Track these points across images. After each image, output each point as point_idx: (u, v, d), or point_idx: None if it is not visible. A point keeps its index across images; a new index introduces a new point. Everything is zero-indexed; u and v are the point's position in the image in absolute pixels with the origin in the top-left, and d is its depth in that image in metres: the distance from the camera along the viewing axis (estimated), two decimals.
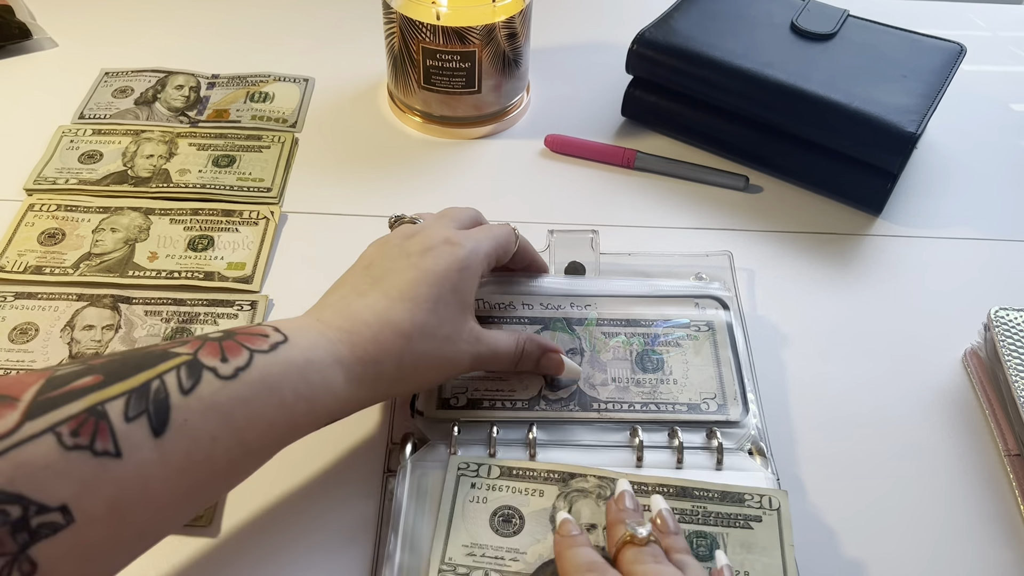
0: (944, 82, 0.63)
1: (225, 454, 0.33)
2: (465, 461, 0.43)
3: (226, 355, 0.34)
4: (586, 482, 0.42)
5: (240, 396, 0.33)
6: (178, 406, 0.32)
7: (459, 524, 0.40)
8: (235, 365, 0.34)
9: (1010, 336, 0.49)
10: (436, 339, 0.40)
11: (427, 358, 0.40)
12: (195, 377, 0.33)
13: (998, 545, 0.44)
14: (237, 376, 0.34)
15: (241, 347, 0.35)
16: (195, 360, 0.33)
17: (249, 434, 0.34)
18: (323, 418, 0.37)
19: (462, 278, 0.41)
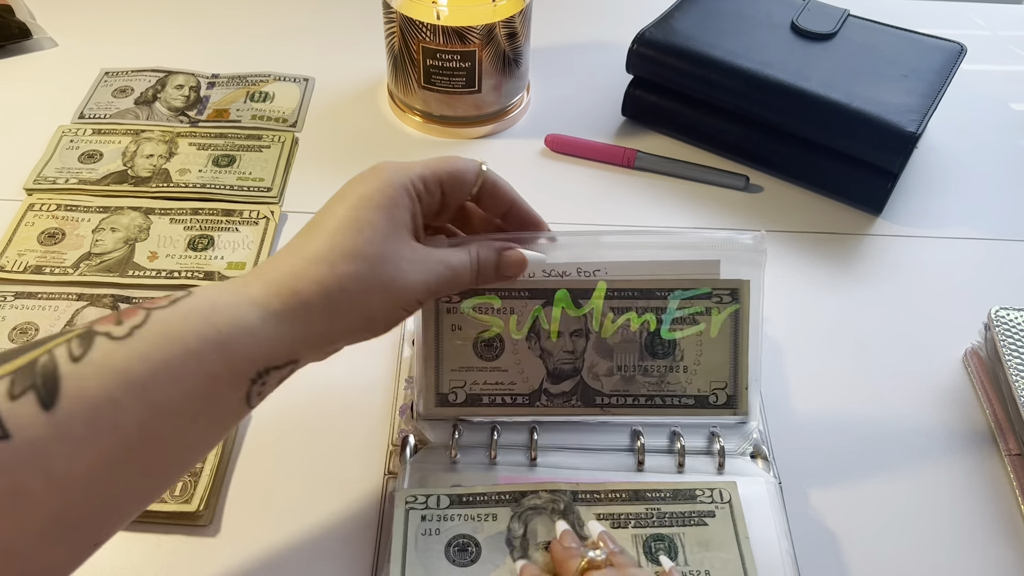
0: (944, 82, 0.63)
1: (133, 416, 0.30)
2: (412, 494, 0.42)
3: (121, 318, 0.31)
4: (538, 499, 0.42)
5: (138, 352, 0.30)
6: (69, 374, 0.29)
7: (413, 559, 0.39)
8: (130, 324, 0.31)
9: (1011, 336, 0.49)
10: (366, 260, 0.36)
11: (359, 283, 0.36)
12: (87, 344, 0.30)
13: (999, 545, 0.44)
14: (132, 334, 0.31)
15: (139, 308, 0.32)
16: (89, 329, 0.31)
17: (157, 393, 0.30)
18: (245, 363, 0.33)
19: (387, 195, 0.37)
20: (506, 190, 0.42)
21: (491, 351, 0.44)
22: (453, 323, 0.43)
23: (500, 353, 0.44)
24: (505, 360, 0.44)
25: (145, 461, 0.31)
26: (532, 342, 0.44)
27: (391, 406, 0.48)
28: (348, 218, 0.36)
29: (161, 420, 0.31)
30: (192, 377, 0.31)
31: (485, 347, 0.44)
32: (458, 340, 0.44)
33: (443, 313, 0.44)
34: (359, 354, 0.51)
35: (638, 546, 0.40)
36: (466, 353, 0.44)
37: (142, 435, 0.30)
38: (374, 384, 0.50)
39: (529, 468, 0.44)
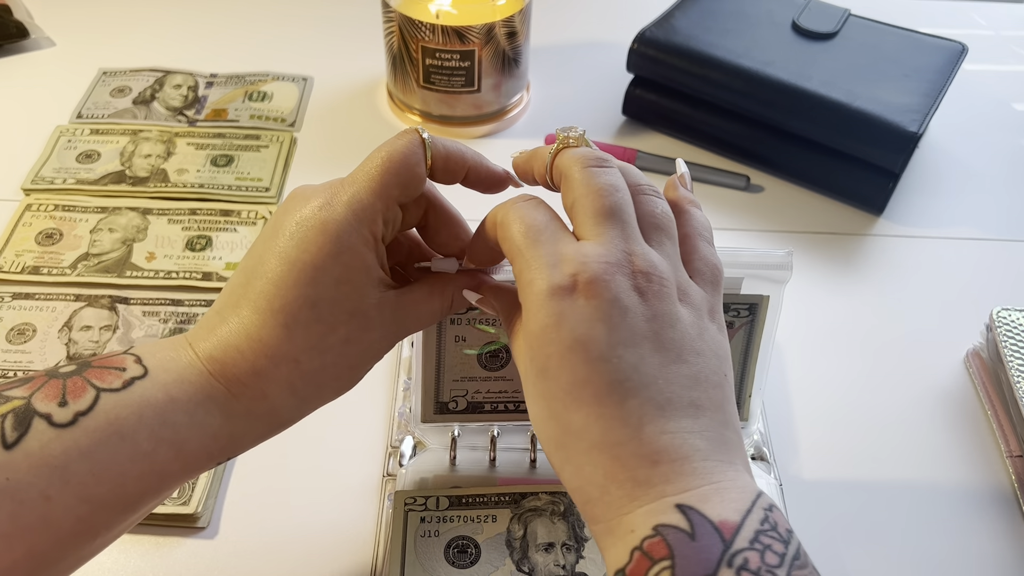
0: (946, 81, 0.62)
1: (68, 513, 0.28)
2: (411, 495, 0.41)
3: (66, 397, 0.29)
4: (538, 500, 0.42)
5: (80, 446, 0.28)
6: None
7: (412, 561, 0.39)
8: (75, 409, 0.28)
9: (1012, 336, 0.49)
10: (332, 349, 0.32)
11: (328, 371, 0.33)
12: (23, 427, 0.27)
13: (1000, 545, 0.44)
14: (76, 422, 0.28)
15: (88, 385, 0.29)
16: (27, 406, 0.28)
17: (97, 489, 0.28)
18: (203, 460, 0.31)
19: (340, 254, 0.32)
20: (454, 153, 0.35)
21: (496, 361, 0.43)
22: (457, 334, 0.42)
23: (505, 363, 0.43)
24: (510, 370, 0.43)
25: (80, 550, 0.29)
26: None
27: (390, 407, 0.48)
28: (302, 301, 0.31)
29: (99, 516, 0.29)
30: (139, 477, 0.29)
31: (490, 358, 0.43)
32: (462, 351, 0.42)
33: (447, 324, 0.42)
34: None
35: None
36: (470, 364, 0.43)
37: (77, 529, 0.28)
38: (373, 385, 0.49)
39: (529, 470, 0.44)
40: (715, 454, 0.29)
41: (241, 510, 0.43)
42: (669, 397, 0.29)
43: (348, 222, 0.32)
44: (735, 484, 0.28)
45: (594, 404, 0.29)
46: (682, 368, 0.30)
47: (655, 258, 0.31)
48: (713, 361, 0.31)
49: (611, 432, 0.28)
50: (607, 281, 0.30)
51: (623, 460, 0.28)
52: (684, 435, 0.28)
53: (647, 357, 0.29)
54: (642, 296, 0.30)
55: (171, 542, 0.42)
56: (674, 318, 0.30)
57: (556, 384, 0.30)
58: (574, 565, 0.40)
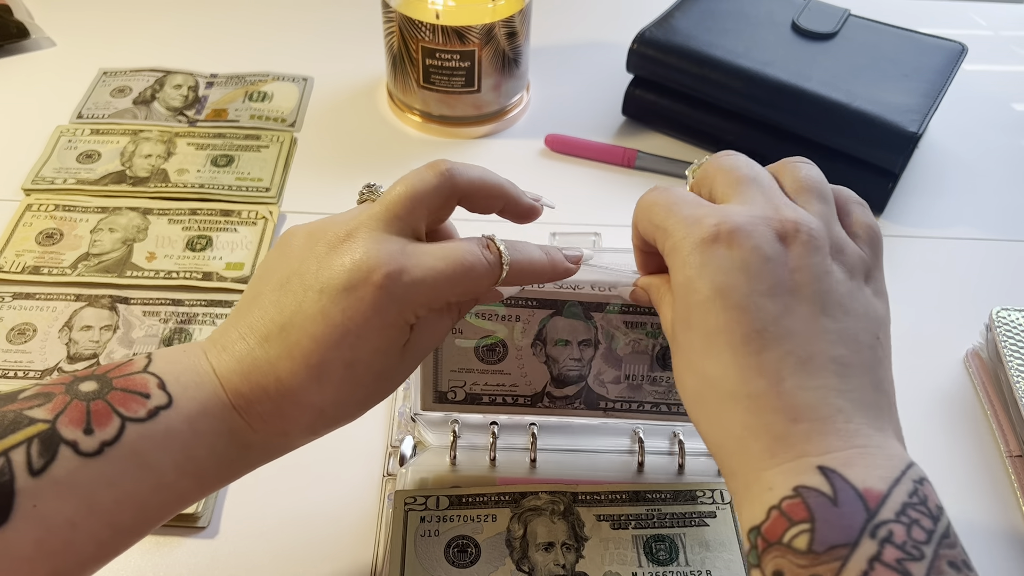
0: (945, 81, 0.62)
1: (91, 539, 0.28)
2: (411, 495, 0.41)
3: (91, 424, 0.28)
4: (538, 500, 0.42)
5: (105, 476, 0.28)
6: (25, 490, 0.27)
7: (412, 560, 0.39)
8: (101, 439, 0.28)
9: (1012, 336, 0.49)
10: (355, 400, 0.33)
11: (347, 416, 0.34)
12: (49, 454, 0.27)
13: (1000, 546, 0.44)
14: (103, 452, 0.28)
15: (112, 413, 0.29)
16: (52, 431, 0.28)
17: (120, 517, 0.29)
18: (218, 486, 0.32)
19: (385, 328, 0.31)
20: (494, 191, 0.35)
21: (493, 355, 0.43)
22: (454, 327, 0.42)
23: (503, 358, 0.43)
24: (508, 364, 0.43)
25: (96, 569, 0.30)
26: (537, 348, 0.43)
27: (390, 407, 0.48)
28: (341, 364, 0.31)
29: (121, 540, 0.30)
30: (161, 504, 0.30)
31: (487, 351, 0.43)
32: (458, 343, 0.43)
33: None
34: None
35: (639, 546, 0.40)
36: (467, 356, 0.43)
37: (97, 555, 0.29)
38: None
39: (529, 470, 0.44)
40: (860, 416, 0.28)
41: (241, 510, 0.44)
42: (812, 352, 0.28)
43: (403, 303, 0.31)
44: (883, 451, 0.27)
45: (730, 352, 0.28)
46: (828, 323, 0.29)
47: (803, 213, 0.31)
48: (864, 321, 0.30)
49: (747, 382, 0.28)
50: (749, 231, 0.29)
51: (760, 413, 0.28)
52: (826, 392, 0.28)
53: (790, 308, 0.29)
54: (787, 246, 0.30)
55: (171, 542, 0.42)
56: (822, 271, 0.30)
57: (695, 333, 0.30)
58: (574, 565, 0.40)
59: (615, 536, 0.41)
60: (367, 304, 0.31)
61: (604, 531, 0.41)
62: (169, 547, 0.42)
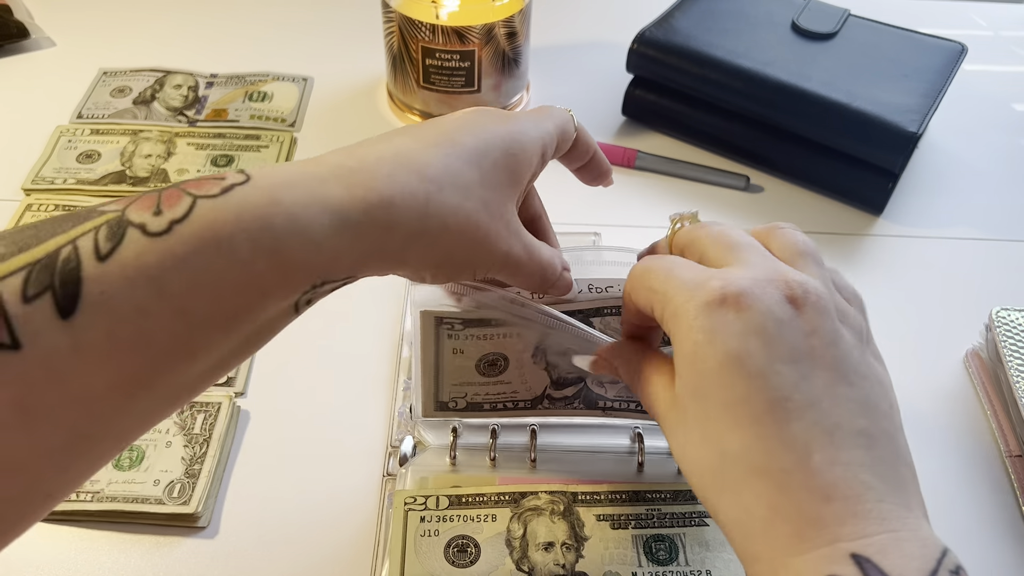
0: (945, 81, 0.62)
1: (164, 329, 0.26)
2: (411, 495, 0.41)
3: (161, 206, 0.26)
4: (538, 499, 0.42)
5: (175, 255, 0.26)
6: (92, 277, 0.25)
7: (412, 560, 0.39)
8: (170, 217, 0.26)
9: (1011, 336, 0.49)
10: (472, 197, 0.31)
11: (458, 217, 0.31)
12: (116, 238, 0.26)
13: (999, 546, 0.44)
14: (171, 230, 0.26)
15: (183, 193, 0.27)
16: (120, 218, 0.26)
17: (193, 302, 0.26)
18: (302, 274, 0.28)
19: (519, 141, 0.33)
20: (590, 141, 0.39)
21: (495, 369, 0.42)
22: (455, 347, 0.41)
23: (504, 370, 0.42)
24: (509, 374, 0.43)
25: (176, 376, 0.27)
26: (538, 357, 0.42)
27: (390, 407, 0.48)
28: (473, 149, 0.32)
29: (197, 333, 0.27)
30: (237, 289, 0.27)
31: (489, 366, 0.42)
32: (459, 361, 0.42)
33: (443, 338, 0.41)
34: (358, 354, 0.51)
35: (638, 546, 0.40)
36: (468, 371, 0.42)
37: (173, 350, 0.26)
38: (373, 385, 0.49)
39: (529, 470, 0.44)
40: (891, 496, 0.26)
41: (241, 510, 0.44)
42: (837, 422, 0.27)
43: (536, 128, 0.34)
44: (916, 535, 0.25)
45: (754, 425, 0.27)
46: (849, 391, 0.27)
47: (807, 276, 0.30)
48: (878, 387, 0.29)
49: (774, 457, 0.26)
50: (757, 294, 0.28)
51: (790, 491, 0.26)
52: (856, 469, 0.26)
53: (809, 375, 0.27)
54: (798, 309, 0.28)
55: (171, 542, 0.42)
56: (836, 336, 0.28)
57: (711, 403, 0.28)
58: (574, 564, 0.40)
59: (615, 536, 0.41)
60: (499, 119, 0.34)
61: (604, 531, 0.41)
62: (169, 547, 0.42)
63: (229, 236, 0.26)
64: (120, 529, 0.42)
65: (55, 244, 0.25)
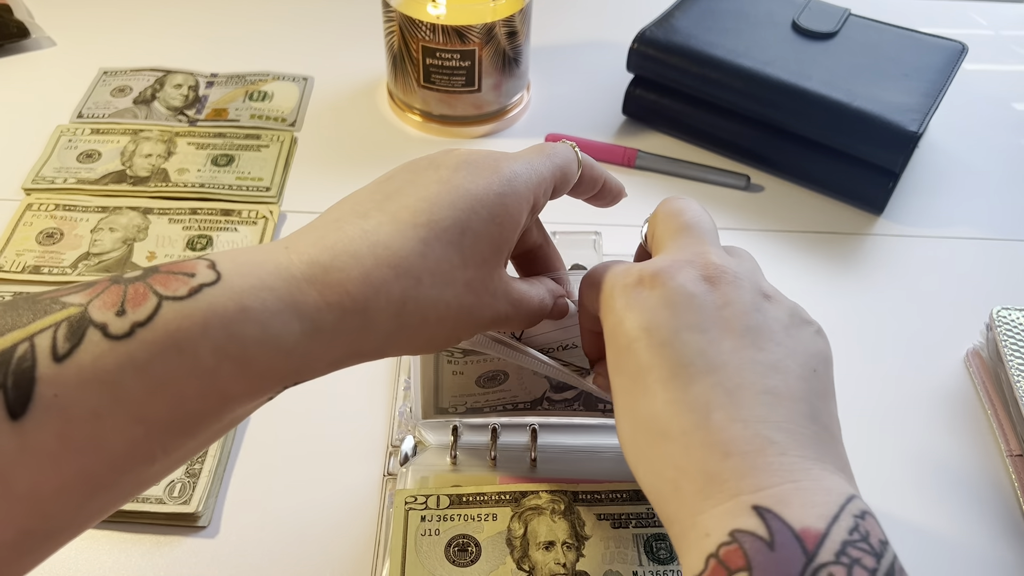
0: (946, 81, 0.62)
1: (119, 434, 0.25)
2: (412, 494, 0.41)
3: (125, 305, 0.25)
4: (539, 499, 0.42)
5: (134, 360, 0.25)
6: (46, 378, 0.24)
7: (413, 559, 0.39)
8: (133, 319, 0.25)
9: (1012, 336, 0.49)
10: (454, 283, 0.30)
11: (438, 309, 0.30)
12: (76, 338, 0.25)
13: (1000, 546, 0.44)
14: (133, 334, 0.25)
15: (150, 292, 0.26)
16: (82, 315, 0.25)
17: (152, 408, 0.25)
18: (269, 383, 0.28)
19: (504, 204, 0.31)
20: (599, 174, 0.38)
21: (495, 383, 0.42)
22: (454, 370, 0.41)
23: (504, 382, 0.42)
24: (509, 383, 0.43)
25: (134, 476, 0.26)
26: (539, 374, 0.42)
27: (390, 407, 0.48)
28: (453, 226, 0.30)
29: (155, 438, 0.26)
30: (199, 395, 0.26)
31: (488, 379, 0.42)
32: (459, 380, 0.42)
33: (443, 363, 0.41)
34: None
35: (639, 545, 0.40)
36: (468, 386, 0.42)
37: (130, 454, 0.26)
38: (373, 385, 0.49)
39: (529, 469, 0.44)
40: (795, 448, 0.26)
41: (241, 510, 0.44)
42: (740, 383, 0.27)
43: (522, 173, 0.32)
44: (820, 484, 0.26)
45: (659, 390, 0.28)
46: (758, 355, 0.28)
47: (730, 260, 0.31)
48: (800, 355, 0.29)
49: (676, 420, 0.27)
50: (671, 272, 0.30)
51: (691, 450, 0.27)
52: (757, 424, 0.26)
53: (716, 342, 0.28)
54: (712, 285, 0.30)
55: (171, 541, 0.42)
56: (752, 306, 0.29)
57: (626, 375, 0.29)
58: (574, 563, 0.40)
59: (616, 535, 0.41)
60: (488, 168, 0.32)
61: (605, 530, 0.41)
62: (169, 547, 0.42)
63: (193, 343, 0.26)
64: (120, 528, 0.42)
65: (11, 340, 0.25)
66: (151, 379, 0.25)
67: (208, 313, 0.26)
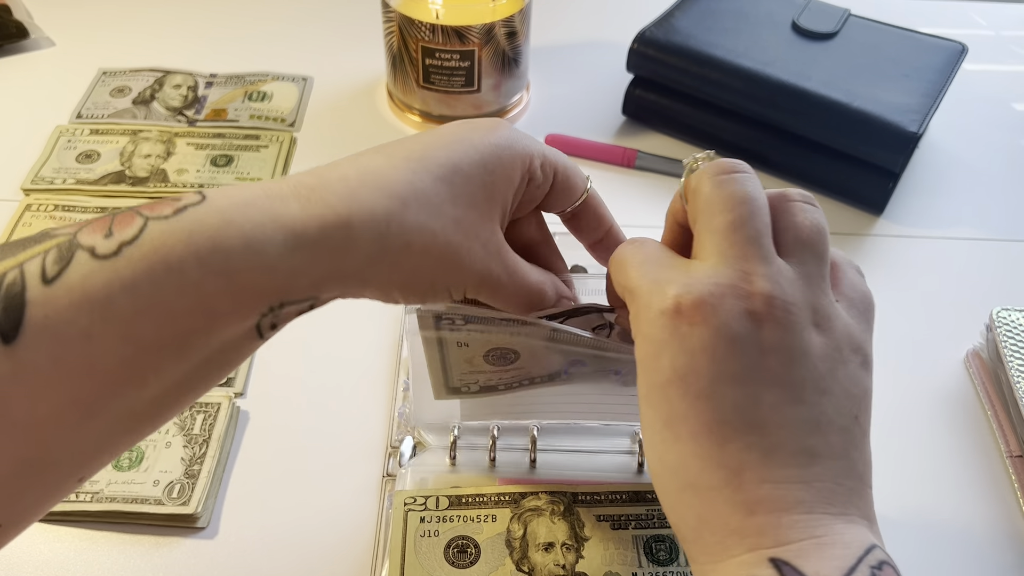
0: (946, 81, 0.62)
1: (111, 353, 0.25)
2: (411, 495, 0.41)
3: (112, 228, 0.26)
4: (538, 500, 0.42)
5: (122, 278, 0.25)
6: (36, 301, 0.24)
7: (412, 560, 0.39)
8: (119, 239, 0.26)
9: (1012, 337, 0.49)
10: (442, 215, 0.30)
11: (423, 236, 0.29)
12: (64, 261, 0.25)
13: (1000, 546, 0.44)
14: (120, 252, 0.25)
15: (136, 215, 0.26)
16: (71, 240, 0.26)
17: (141, 326, 0.25)
18: (255, 297, 0.27)
19: (498, 155, 0.31)
20: (605, 213, 0.38)
21: (505, 361, 0.40)
22: (459, 340, 0.40)
23: (514, 361, 0.40)
24: (522, 361, 0.41)
25: (126, 402, 0.26)
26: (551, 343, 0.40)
27: (390, 407, 0.48)
28: (445, 163, 0.30)
29: (145, 358, 0.26)
30: (186, 312, 0.26)
31: (499, 357, 0.40)
32: (465, 354, 0.40)
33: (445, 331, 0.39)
34: (357, 354, 0.51)
35: (639, 546, 0.40)
36: (476, 361, 0.41)
37: (121, 374, 0.26)
38: (373, 385, 0.49)
39: (529, 470, 0.44)
40: (821, 506, 0.26)
41: (241, 510, 0.43)
42: (777, 443, 0.26)
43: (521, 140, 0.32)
44: (841, 538, 0.25)
45: (690, 442, 0.27)
46: (800, 411, 0.27)
47: (782, 279, 0.28)
48: (843, 401, 0.27)
49: (706, 474, 0.26)
50: (713, 305, 0.27)
51: (716, 506, 0.26)
52: (788, 486, 0.26)
53: (757, 396, 0.26)
54: (758, 324, 0.27)
55: (171, 542, 0.42)
56: (799, 352, 0.27)
57: (655, 415, 0.28)
58: (574, 565, 0.40)
59: (615, 536, 0.41)
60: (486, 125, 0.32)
61: (604, 531, 0.41)
62: (169, 547, 0.42)
63: (179, 258, 0.26)
64: (120, 529, 0.42)
65: (2, 268, 0.25)
66: (140, 296, 0.25)
67: (193, 229, 0.26)
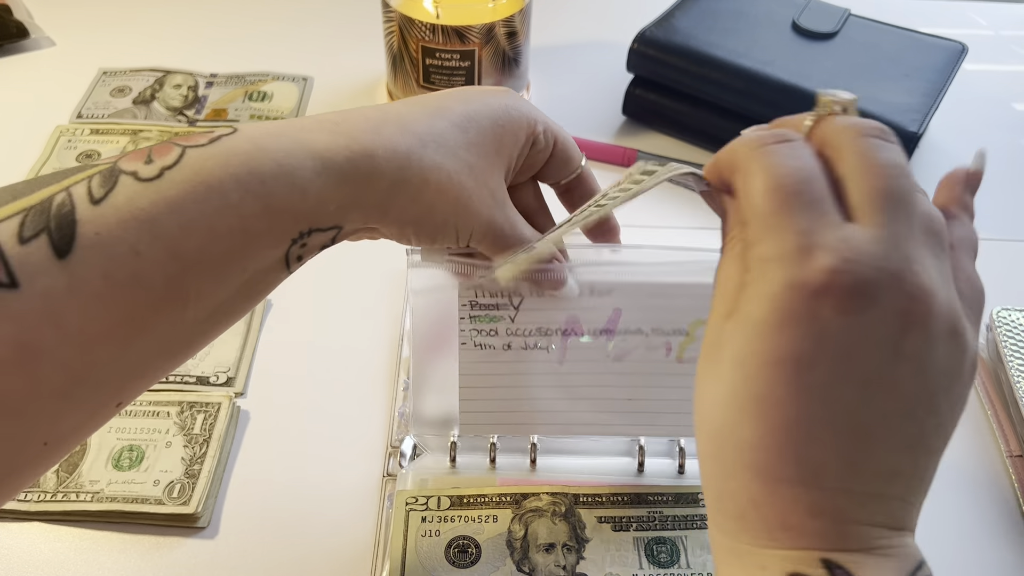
0: (946, 81, 0.62)
1: (158, 270, 0.26)
2: (412, 495, 0.41)
3: (152, 156, 0.28)
4: (539, 501, 0.42)
5: (166, 198, 0.27)
6: (86, 219, 0.26)
7: (413, 560, 0.39)
8: (161, 164, 0.27)
9: (1012, 337, 0.49)
10: (456, 158, 0.32)
11: (440, 174, 0.32)
12: (109, 184, 0.27)
13: (1000, 546, 0.44)
14: (162, 176, 0.27)
15: (173, 145, 0.28)
16: (113, 167, 0.27)
17: (185, 244, 0.27)
18: (288, 220, 0.29)
19: (507, 112, 0.34)
20: (598, 190, 0.40)
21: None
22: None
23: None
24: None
25: (172, 321, 0.28)
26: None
27: (390, 407, 0.48)
28: (459, 113, 0.33)
29: (189, 276, 0.27)
30: (227, 232, 0.28)
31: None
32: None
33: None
34: (357, 354, 0.51)
35: (640, 549, 0.40)
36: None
37: (167, 292, 0.27)
38: (373, 385, 0.49)
39: (529, 470, 0.44)
40: (890, 521, 0.25)
41: (241, 510, 0.43)
42: (870, 455, 0.24)
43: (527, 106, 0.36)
44: (896, 552, 0.24)
45: (776, 430, 0.24)
46: (906, 426, 0.24)
47: (933, 275, 0.24)
48: (947, 423, 0.26)
49: (780, 467, 0.24)
50: (871, 297, 0.23)
51: (779, 498, 0.24)
52: (864, 498, 0.24)
53: (871, 403, 0.24)
54: (905, 328, 0.23)
55: (171, 542, 0.42)
56: (926, 364, 0.24)
57: (745, 385, 0.24)
58: (575, 566, 0.40)
59: (616, 538, 0.41)
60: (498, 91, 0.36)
61: (605, 533, 0.41)
62: (169, 547, 0.42)
63: (219, 181, 0.28)
64: (120, 529, 0.42)
65: (49, 192, 0.26)
66: (184, 215, 0.27)
67: (229, 155, 0.28)
